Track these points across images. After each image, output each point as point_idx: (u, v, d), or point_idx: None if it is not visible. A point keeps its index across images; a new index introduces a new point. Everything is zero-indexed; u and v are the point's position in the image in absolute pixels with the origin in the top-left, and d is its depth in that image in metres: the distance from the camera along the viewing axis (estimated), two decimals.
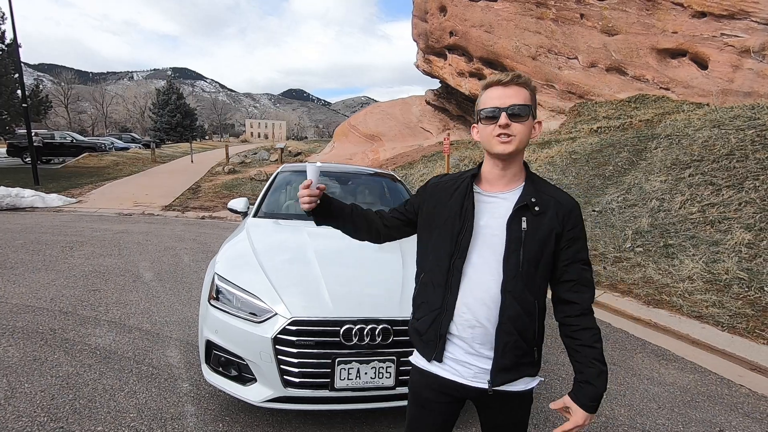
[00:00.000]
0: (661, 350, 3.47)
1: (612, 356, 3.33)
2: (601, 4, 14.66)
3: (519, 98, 1.15)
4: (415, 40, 22.50)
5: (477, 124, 1.24)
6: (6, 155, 22.55)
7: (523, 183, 1.23)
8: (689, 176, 6.90)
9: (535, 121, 1.21)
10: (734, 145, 7.13)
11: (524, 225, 1.17)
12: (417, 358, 1.35)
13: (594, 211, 7.14)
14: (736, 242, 5.02)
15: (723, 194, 6.13)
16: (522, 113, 1.15)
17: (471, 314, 1.20)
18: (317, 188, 1.31)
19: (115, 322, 3.54)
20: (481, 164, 1.30)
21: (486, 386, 1.21)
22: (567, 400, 1.21)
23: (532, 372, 1.26)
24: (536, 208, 1.18)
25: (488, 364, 1.20)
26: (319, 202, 1.33)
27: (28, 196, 9.77)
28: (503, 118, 1.14)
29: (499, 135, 1.16)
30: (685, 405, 2.70)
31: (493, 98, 1.17)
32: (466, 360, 1.23)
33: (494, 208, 1.22)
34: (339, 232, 3.16)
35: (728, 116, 8.61)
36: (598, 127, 11.84)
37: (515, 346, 1.19)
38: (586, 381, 1.18)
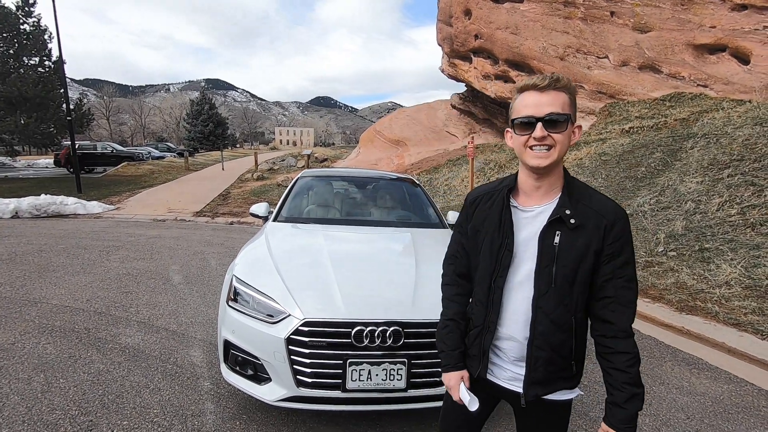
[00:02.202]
0: (693, 359, 3.30)
1: None
2: (632, 1, 14.19)
3: (557, 105, 1.05)
4: (440, 45, 22.47)
5: (511, 129, 1.15)
6: (53, 165, 24.04)
7: (560, 194, 1.15)
8: (728, 177, 6.55)
9: (575, 126, 1.12)
10: None
11: (557, 240, 1.10)
12: None
13: None
14: None
15: (765, 195, 5.79)
16: (560, 121, 1.05)
17: (507, 329, 1.20)
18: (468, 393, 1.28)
19: (145, 323, 3.70)
20: (517, 174, 1.22)
21: (519, 391, 1.21)
22: (603, 426, 1.16)
23: (569, 385, 1.22)
24: (572, 221, 1.09)
25: (523, 371, 1.19)
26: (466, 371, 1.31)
27: (71, 203, 10.37)
28: (539, 130, 1.05)
29: (533, 147, 1.08)
30: (717, 416, 2.55)
31: (528, 105, 1.08)
32: (504, 365, 1.24)
33: (530, 223, 1.16)
34: (355, 236, 3.23)
35: None
36: (630, 128, 11.43)
37: (548, 361, 1.15)
38: (616, 404, 1.12)
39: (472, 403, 1.24)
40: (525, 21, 16.97)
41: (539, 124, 1.05)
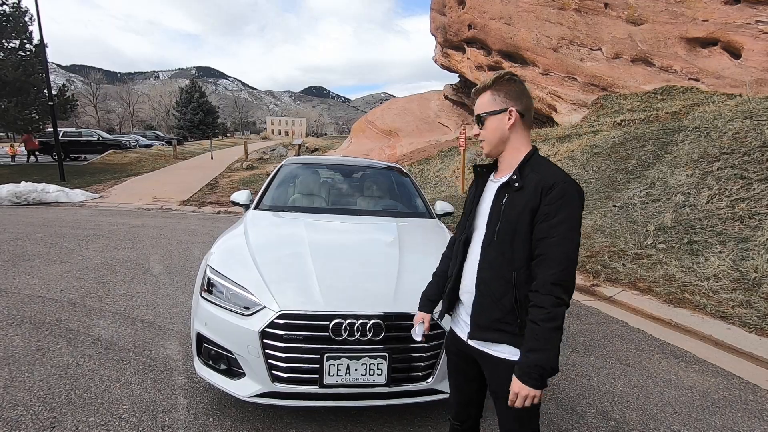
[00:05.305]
0: (680, 351, 3.27)
1: (627, 357, 3.15)
2: None
3: (480, 107, 1.37)
4: (433, 34, 22.23)
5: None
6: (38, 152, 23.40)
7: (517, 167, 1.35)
8: (718, 170, 6.53)
9: (508, 110, 1.32)
10: None
11: (504, 201, 1.31)
12: (447, 320, 1.59)
13: (615, 206, 6.85)
14: (767, 239, 4.71)
15: (754, 188, 5.77)
16: (483, 119, 1.36)
17: (467, 280, 1.40)
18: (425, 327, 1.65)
19: (120, 314, 3.57)
20: None
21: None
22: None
23: (514, 342, 1.29)
24: (516, 184, 1.29)
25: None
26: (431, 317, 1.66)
27: (52, 191, 10.08)
28: (476, 129, 1.40)
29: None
30: (704, 410, 2.51)
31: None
32: (465, 320, 1.44)
33: (493, 191, 1.39)
34: (337, 225, 3.16)
35: (762, 107, 8.13)
36: (621, 120, 11.39)
37: (490, 308, 1.31)
38: (522, 350, 1.24)
39: (417, 335, 1.65)
40: (519, 11, 16.80)
41: (476, 125, 1.41)
